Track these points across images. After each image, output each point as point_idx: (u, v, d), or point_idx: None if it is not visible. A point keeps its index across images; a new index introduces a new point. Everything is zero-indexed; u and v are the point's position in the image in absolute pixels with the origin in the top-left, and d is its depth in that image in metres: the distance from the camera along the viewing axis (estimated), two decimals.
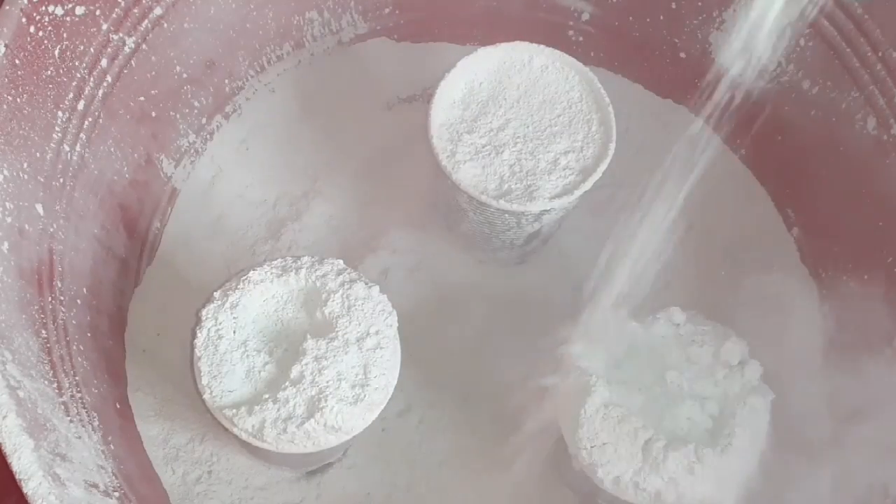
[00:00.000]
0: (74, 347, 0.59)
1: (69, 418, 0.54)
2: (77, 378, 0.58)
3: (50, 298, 0.57)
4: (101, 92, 0.61)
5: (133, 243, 0.69)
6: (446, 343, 0.68)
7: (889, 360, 0.63)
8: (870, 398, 0.64)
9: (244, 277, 0.59)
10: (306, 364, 0.56)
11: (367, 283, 0.59)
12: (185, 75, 0.69)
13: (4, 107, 0.54)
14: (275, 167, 0.74)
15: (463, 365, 0.68)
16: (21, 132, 0.55)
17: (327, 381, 0.56)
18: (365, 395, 0.56)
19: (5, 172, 0.54)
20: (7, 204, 0.54)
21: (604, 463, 0.55)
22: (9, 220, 0.54)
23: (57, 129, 0.58)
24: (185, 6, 0.65)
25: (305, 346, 0.57)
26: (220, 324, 0.57)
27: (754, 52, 0.69)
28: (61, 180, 0.59)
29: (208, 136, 0.74)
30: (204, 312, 0.57)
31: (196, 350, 0.57)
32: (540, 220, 0.66)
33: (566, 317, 0.68)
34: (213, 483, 0.65)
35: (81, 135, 0.61)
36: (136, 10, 0.62)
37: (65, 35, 0.58)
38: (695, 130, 0.75)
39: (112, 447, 0.58)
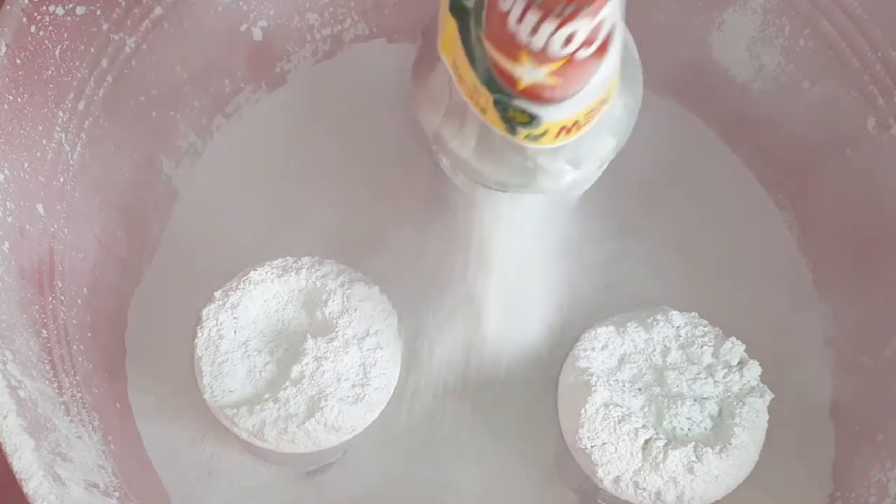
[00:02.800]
0: (75, 347, 0.59)
1: (69, 418, 0.54)
2: (77, 378, 0.58)
3: (51, 298, 0.57)
4: (101, 92, 0.61)
5: (133, 243, 0.68)
6: (446, 343, 0.68)
7: (889, 360, 0.63)
8: (870, 398, 0.64)
9: (245, 277, 0.59)
10: (306, 364, 0.56)
11: (367, 283, 0.59)
12: (185, 75, 0.69)
13: (5, 107, 0.54)
14: (275, 167, 0.74)
15: (463, 365, 0.68)
16: (22, 132, 0.55)
17: (327, 381, 0.56)
18: (365, 395, 0.56)
19: (6, 172, 0.54)
20: (8, 204, 0.54)
21: (604, 463, 0.56)
22: (10, 219, 0.54)
23: (58, 128, 0.58)
24: (185, 7, 0.65)
25: (306, 346, 0.57)
26: (221, 324, 0.57)
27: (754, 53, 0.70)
28: (62, 180, 0.59)
29: (208, 136, 0.74)
30: (205, 312, 0.58)
31: (197, 350, 0.57)
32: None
33: (564, 318, 0.69)
34: (213, 483, 0.65)
35: (82, 135, 0.61)
36: (136, 11, 0.62)
37: (65, 35, 0.58)
38: (695, 130, 0.75)
39: (112, 447, 0.58)
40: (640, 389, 0.58)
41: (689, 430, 0.57)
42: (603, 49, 0.39)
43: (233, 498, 0.64)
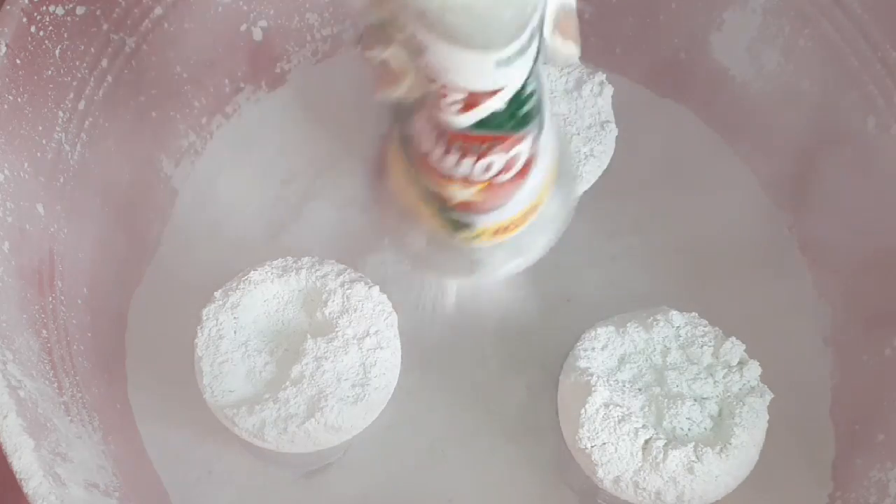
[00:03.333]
0: (75, 347, 0.59)
1: (70, 418, 0.54)
2: (77, 378, 0.58)
3: (50, 298, 0.57)
4: (101, 92, 0.61)
5: (133, 243, 0.69)
6: (447, 343, 0.68)
7: (889, 360, 0.63)
8: (870, 398, 0.64)
9: (245, 277, 0.59)
10: (306, 364, 0.56)
11: (367, 283, 0.59)
12: (185, 75, 0.69)
13: (6, 107, 0.54)
14: (275, 167, 0.74)
15: (463, 365, 0.68)
16: (22, 132, 0.55)
17: (327, 381, 0.56)
18: (365, 395, 0.56)
19: (6, 172, 0.54)
20: (8, 204, 0.54)
21: (604, 463, 0.56)
22: (10, 219, 0.54)
23: (58, 128, 0.58)
24: (185, 6, 0.65)
25: (306, 346, 0.57)
26: (221, 324, 0.57)
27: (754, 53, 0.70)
28: (62, 180, 0.59)
29: (208, 136, 0.74)
30: (205, 312, 0.58)
31: (197, 350, 0.57)
32: None
33: (564, 318, 0.69)
34: (213, 483, 0.65)
35: (82, 135, 0.61)
36: (136, 11, 0.62)
37: (65, 35, 0.58)
38: (695, 130, 0.75)
39: (112, 447, 0.58)
40: (640, 389, 0.58)
41: (689, 430, 0.57)
42: (523, 173, 0.44)
43: (233, 498, 0.64)
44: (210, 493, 0.64)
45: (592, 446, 0.56)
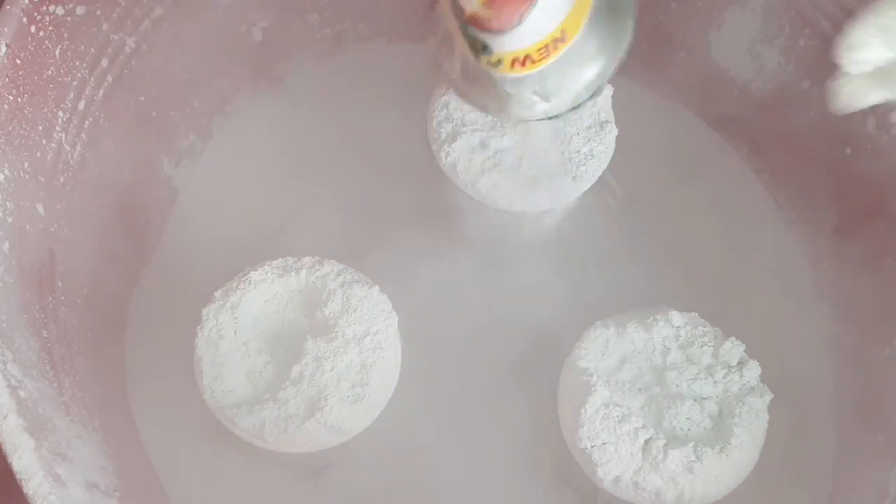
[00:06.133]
0: (75, 347, 0.59)
1: (70, 418, 0.54)
2: (78, 378, 0.58)
3: (51, 298, 0.57)
4: (101, 92, 0.61)
5: (133, 243, 0.69)
6: (447, 343, 0.68)
7: (889, 359, 0.63)
8: (869, 398, 0.64)
9: (245, 277, 0.59)
10: (306, 364, 0.56)
11: (367, 284, 0.59)
12: (185, 75, 0.69)
13: (6, 107, 0.54)
14: (275, 167, 0.74)
15: (463, 365, 0.68)
16: (22, 132, 0.55)
17: (327, 381, 0.56)
18: (365, 395, 0.56)
19: (6, 172, 0.54)
20: (8, 204, 0.54)
21: (604, 463, 0.56)
22: (10, 220, 0.54)
23: (58, 128, 0.58)
24: (185, 7, 0.65)
25: (305, 347, 0.57)
26: (221, 324, 0.57)
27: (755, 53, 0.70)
28: (62, 180, 0.59)
29: (208, 136, 0.74)
30: (205, 312, 0.58)
31: (197, 350, 0.57)
32: (540, 222, 0.66)
33: (564, 318, 0.69)
34: (213, 483, 0.65)
35: (82, 135, 0.61)
36: (136, 11, 0.62)
37: (66, 35, 0.58)
38: (695, 130, 0.75)
39: (112, 447, 0.58)
40: (640, 389, 0.58)
41: (688, 430, 0.57)
42: None
43: (233, 498, 0.64)
44: (210, 494, 0.64)
45: (592, 446, 0.56)
